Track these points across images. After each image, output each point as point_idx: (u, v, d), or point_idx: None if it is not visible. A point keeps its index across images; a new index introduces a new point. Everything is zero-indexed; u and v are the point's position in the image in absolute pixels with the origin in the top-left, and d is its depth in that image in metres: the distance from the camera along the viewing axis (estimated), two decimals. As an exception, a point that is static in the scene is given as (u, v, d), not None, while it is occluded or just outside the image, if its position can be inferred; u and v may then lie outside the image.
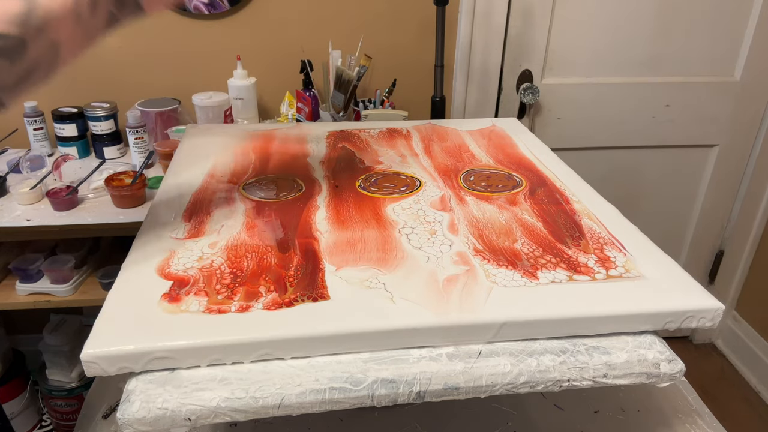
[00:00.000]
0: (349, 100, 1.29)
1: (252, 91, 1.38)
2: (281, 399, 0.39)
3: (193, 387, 0.39)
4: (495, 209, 0.59)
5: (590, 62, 1.52)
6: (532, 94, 1.50)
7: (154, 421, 0.37)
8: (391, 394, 0.40)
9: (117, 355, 0.39)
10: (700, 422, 0.55)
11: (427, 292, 0.45)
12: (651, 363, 0.43)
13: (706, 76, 1.57)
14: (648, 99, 1.57)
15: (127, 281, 0.46)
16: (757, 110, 1.62)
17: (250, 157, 0.70)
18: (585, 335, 0.45)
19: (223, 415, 0.38)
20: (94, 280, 1.30)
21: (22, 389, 1.48)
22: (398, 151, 0.73)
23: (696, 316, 0.45)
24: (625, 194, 1.70)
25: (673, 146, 1.65)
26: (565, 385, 0.42)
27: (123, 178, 1.16)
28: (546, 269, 0.48)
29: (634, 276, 0.48)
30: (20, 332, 1.70)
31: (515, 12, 1.45)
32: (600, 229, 0.55)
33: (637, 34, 1.50)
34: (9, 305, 1.25)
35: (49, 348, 1.37)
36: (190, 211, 0.57)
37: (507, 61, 1.51)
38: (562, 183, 0.65)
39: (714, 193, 1.72)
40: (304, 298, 0.44)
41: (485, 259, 0.50)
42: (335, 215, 0.57)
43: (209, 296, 0.44)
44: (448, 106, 1.56)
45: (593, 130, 1.60)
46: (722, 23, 1.50)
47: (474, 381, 0.41)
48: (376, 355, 0.42)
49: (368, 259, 0.49)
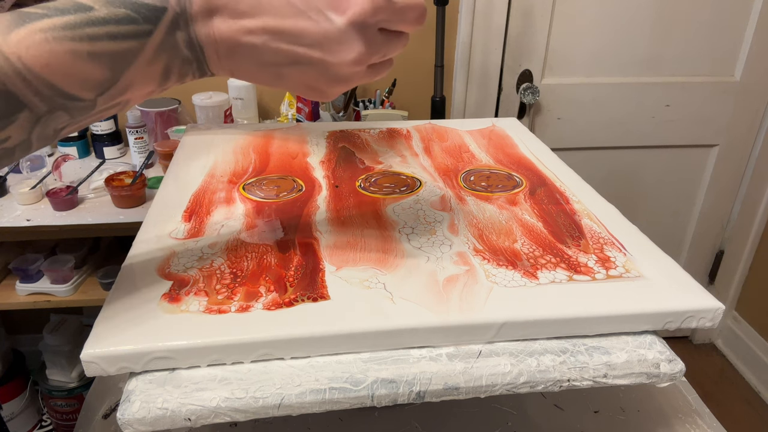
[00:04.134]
0: (349, 100, 1.29)
1: (252, 91, 1.38)
2: (281, 399, 0.39)
3: (193, 387, 0.39)
4: (495, 209, 0.59)
5: (590, 62, 1.53)
6: (532, 94, 1.50)
7: (154, 421, 0.37)
8: (391, 394, 0.40)
9: (117, 355, 0.39)
10: (700, 422, 0.55)
11: (427, 292, 0.45)
12: (651, 363, 0.43)
13: (706, 76, 1.57)
14: (648, 99, 1.57)
15: (127, 281, 0.46)
16: (757, 110, 1.62)
17: (250, 157, 0.70)
18: (585, 335, 0.45)
19: (223, 415, 0.38)
20: (94, 280, 1.30)
21: (22, 389, 1.48)
22: (398, 151, 0.73)
23: (696, 316, 0.45)
24: (625, 194, 1.70)
25: (673, 146, 1.65)
26: (565, 385, 0.42)
27: (123, 178, 1.16)
28: (546, 269, 0.48)
29: (634, 276, 0.48)
30: (20, 332, 1.70)
31: (515, 12, 1.45)
32: (600, 229, 0.55)
33: (637, 34, 1.50)
34: (9, 305, 1.25)
35: (49, 348, 1.37)
36: (190, 211, 0.57)
37: (507, 61, 1.51)
38: (562, 183, 0.65)
39: (714, 193, 1.72)
40: (304, 298, 0.44)
41: (485, 259, 0.50)
42: (335, 215, 0.57)
43: (209, 296, 0.44)
44: (448, 106, 1.56)
45: (593, 130, 1.60)
46: (722, 23, 1.50)
47: (474, 381, 0.41)
48: (376, 355, 0.42)
49: (368, 259, 0.49)
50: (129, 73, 0.32)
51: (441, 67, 1.33)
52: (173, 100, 1.36)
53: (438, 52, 1.31)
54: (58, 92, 0.30)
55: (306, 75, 0.36)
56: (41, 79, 0.29)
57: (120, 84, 0.32)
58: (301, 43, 0.34)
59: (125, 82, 0.32)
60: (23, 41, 0.28)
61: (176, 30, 0.32)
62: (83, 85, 0.30)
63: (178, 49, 0.33)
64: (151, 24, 0.31)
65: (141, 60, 0.32)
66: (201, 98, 1.33)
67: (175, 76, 0.34)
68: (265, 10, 0.33)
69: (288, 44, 0.34)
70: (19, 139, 0.30)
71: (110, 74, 0.31)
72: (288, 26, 0.34)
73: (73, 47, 0.29)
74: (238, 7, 0.33)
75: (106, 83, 0.31)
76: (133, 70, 0.32)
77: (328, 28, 0.34)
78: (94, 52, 0.30)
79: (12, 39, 0.28)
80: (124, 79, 0.32)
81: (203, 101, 1.32)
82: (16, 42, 0.28)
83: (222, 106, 1.33)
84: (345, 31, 0.34)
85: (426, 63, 1.49)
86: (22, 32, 0.28)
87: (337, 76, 0.36)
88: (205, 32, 0.33)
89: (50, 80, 0.29)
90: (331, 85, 0.37)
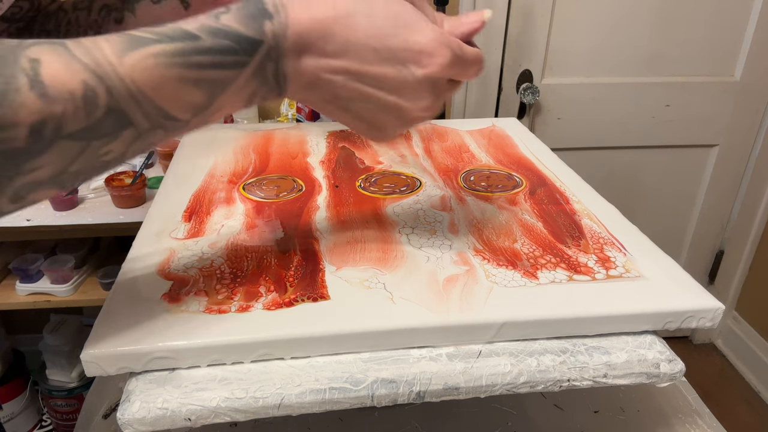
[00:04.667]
0: (349, 100, 1.28)
1: (252, 91, 1.38)
2: (281, 399, 0.39)
3: (193, 387, 0.39)
4: (495, 209, 0.59)
5: (590, 62, 1.52)
6: (532, 94, 1.50)
7: (154, 421, 0.37)
8: (391, 394, 0.40)
9: (117, 355, 0.39)
10: (700, 422, 0.55)
11: (427, 292, 0.45)
12: (651, 363, 0.43)
13: (706, 76, 1.57)
14: (648, 99, 1.57)
15: (127, 281, 0.46)
16: (757, 110, 1.62)
17: (250, 157, 0.70)
18: (585, 335, 0.45)
19: (223, 415, 0.38)
20: (94, 280, 1.30)
21: (22, 389, 1.48)
22: (398, 151, 0.73)
23: (696, 316, 0.45)
24: (625, 194, 1.70)
25: (673, 146, 1.65)
26: (565, 385, 0.42)
27: (123, 178, 1.16)
28: (546, 269, 0.48)
29: (634, 276, 0.48)
30: (20, 332, 1.70)
31: (515, 12, 1.45)
32: (600, 229, 0.55)
33: (637, 34, 1.49)
34: (9, 305, 1.25)
35: (49, 348, 1.37)
36: (190, 210, 0.57)
37: (507, 61, 1.51)
38: (562, 183, 0.65)
39: (714, 193, 1.72)
40: (304, 298, 0.44)
41: (485, 259, 0.50)
42: (335, 215, 0.57)
43: (209, 296, 0.44)
44: (448, 106, 1.56)
45: (593, 130, 1.60)
46: (722, 23, 1.50)
47: (474, 381, 0.41)
48: (376, 355, 0.42)
49: (368, 259, 0.49)
50: (222, 98, 0.34)
51: (441, 67, 1.33)
52: (173, 100, 1.36)
53: (438, 52, 1.31)
54: (162, 113, 0.32)
55: (375, 115, 0.39)
56: (150, 101, 0.31)
57: (212, 107, 0.34)
58: (379, 87, 0.37)
59: (217, 106, 0.34)
60: (137, 65, 0.30)
61: (268, 61, 0.34)
62: (184, 107, 0.33)
63: (266, 78, 0.35)
64: (248, 55, 0.34)
65: (234, 87, 0.34)
66: (201, 98, 1.32)
67: (257, 99, 0.37)
68: (351, 53, 0.36)
69: (366, 86, 0.37)
70: (117, 153, 0.32)
71: (207, 99, 0.33)
72: (370, 71, 0.37)
73: (181, 73, 0.31)
74: (326, 47, 0.36)
75: (202, 107, 0.34)
76: (225, 96, 0.34)
77: (407, 77, 0.37)
78: (199, 78, 0.32)
79: (126, 62, 0.30)
80: (217, 103, 0.34)
81: (203, 101, 1.32)
82: (130, 65, 0.30)
83: (222, 106, 1.33)
84: (422, 82, 0.37)
85: (426, 63, 1.49)
86: (136, 56, 0.30)
87: (406, 119, 0.40)
88: (293, 67, 0.36)
89: (157, 102, 0.31)
90: (397, 126, 0.40)
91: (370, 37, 0.36)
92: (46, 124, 0.28)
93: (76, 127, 0.29)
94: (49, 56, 0.29)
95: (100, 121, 0.30)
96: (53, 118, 0.28)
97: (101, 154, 0.31)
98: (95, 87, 0.29)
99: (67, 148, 0.30)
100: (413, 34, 0.36)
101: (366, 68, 0.36)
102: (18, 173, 0.29)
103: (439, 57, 0.37)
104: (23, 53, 0.28)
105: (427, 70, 0.37)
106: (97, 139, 0.30)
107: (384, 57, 0.36)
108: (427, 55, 0.36)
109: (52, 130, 0.28)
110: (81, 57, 0.29)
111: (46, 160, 0.29)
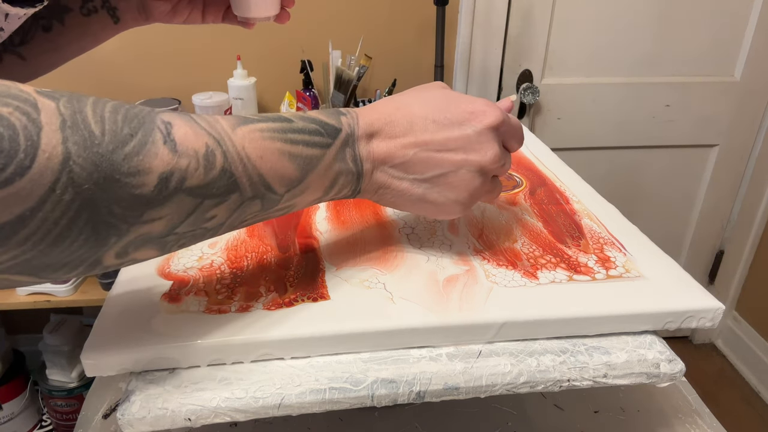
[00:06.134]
0: (349, 100, 1.29)
1: (252, 91, 1.38)
2: (281, 399, 0.39)
3: (193, 387, 0.39)
4: (495, 209, 0.59)
5: (590, 62, 1.53)
6: (532, 94, 1.50)
7: (154, 421, 0.37)
8: (391, 394, 0.40)
9: (117, 355, 0.39)
10: (700, 422, 0.55)
11: (427, 292, 0.45)
12: (651, 363, 0.43)
13: (706, 76, 1.57)
14: (648, 99, 1.57)
15: (127, 281, 0.46)
16: (757, 110, 1.62)
17: (250, 157, 0.70)
18: (585, 335, 0.45)
19: (223, 415, 0.38)
20: (94, 280, 1.30)
21: (22, 389, 1.48)
22: (398, 151, 0.73)
23: (696, 316, 0.45)
24: (625, 194, 1.70)
25: (673, 146, 1.65)
26: (565, 385, 0.42)
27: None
28: (546, 269, 0.48)
29: (634, 276, 0.48)
30: (20, 332, 1.70)
31: (515, 12, 1.45)
32: (600, 229, 0.55)
33: (637, 34, 1.50)
34: (9, 305, 1.25)
35: (49, 348, 1.37)
36: (190, 211, 0.57)
37: (507, 61, 1.51)
38: (562, 183, 0.65)
39: (714, 193, 1.72)
40: (304, 298, 0.44)
41: (485, 259, 0.50)
42: (335, 215, 0.57)
43: (209, 296, 0.44)
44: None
45: (593, 130, 1.60)
46: (722, 23, 1.50)
47: (474, 381, 0.41)
48: (376, 355, 0.42)
49: (368, 259, 0.49)
50: (311, 176, 0.39)
51: (441, 67, 1.33)
52: (173, 100, 1.36)
53: (438, 52, 1.32)
54: (262, 181, 0.36)
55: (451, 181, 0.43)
56: (255, 168, 0.36)
57: (303, 184, 0.39)
58: (446, 148, 0.42)
59: (306, 184, 0.39)
60: (246, 136, 0.36)
61: (346, 147, 0.41)
62: (281, 179, 0.37)
63: (346, 161, 0.41)
64: (332, 138, 0.40)
65: (321, 166, 0.39)
66: (201, 98, 1.33)
67: (336, 189, 0.41)
68: (416, 129, 0.42)
69: (435, 152, 0.42)
70: (219, 221, 0.36)
71: (299, 174, 0.38)
72: (435, 138, 0.42)
73: (281, 147, 0.37)
74: (393, 130, 0.42)
75: (294, 181, 0.38)
76: (314, 174, 0.39)
77: (469, 133, 0.43)
78: (293, 153, 0.38)
79: (238, 133, 0.35)
80: (306, 181, 0.39)
81: (203, 101, 1.32)
82: (241, 136, 0.35)
83: (222, 106, 1.33)
84: (481, 133, 0.43)
85: (426, 63, 1.50)
86: (245, 129, 0.36)
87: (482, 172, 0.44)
88: (366, 150, 0.42)
89: (260, 170, 0.36)
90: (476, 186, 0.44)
91: (428, 113, 0.43)
92: (173, 175, 0.32)
93: (195, 183, 0.33)
94: (179, 121, 0.33)
95: (215, 180, 0.34)
96: (179, 171, 0.32)
97: (207, 218, 0.35)
98: (214, 149, 0.34)
99: (184, 203, 0.33)
100: (464, 104, 0.43)
101: (431, 137, 0.42)
102: (138, 221, 0.31)
103: (491, 114, 0.43)
104: (158, 116, 0.33)
105: (484, 123, 0.43)
106: (209, 198, 0.34)
107: (444, 124, 0.42)
108: (480, 113, 0.43)
109: (177, 181, 0.32)
110: (203, 125, 0.34)
111: (165, 212, 0.32)
